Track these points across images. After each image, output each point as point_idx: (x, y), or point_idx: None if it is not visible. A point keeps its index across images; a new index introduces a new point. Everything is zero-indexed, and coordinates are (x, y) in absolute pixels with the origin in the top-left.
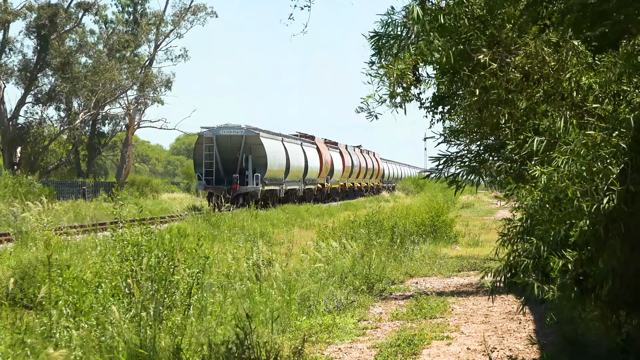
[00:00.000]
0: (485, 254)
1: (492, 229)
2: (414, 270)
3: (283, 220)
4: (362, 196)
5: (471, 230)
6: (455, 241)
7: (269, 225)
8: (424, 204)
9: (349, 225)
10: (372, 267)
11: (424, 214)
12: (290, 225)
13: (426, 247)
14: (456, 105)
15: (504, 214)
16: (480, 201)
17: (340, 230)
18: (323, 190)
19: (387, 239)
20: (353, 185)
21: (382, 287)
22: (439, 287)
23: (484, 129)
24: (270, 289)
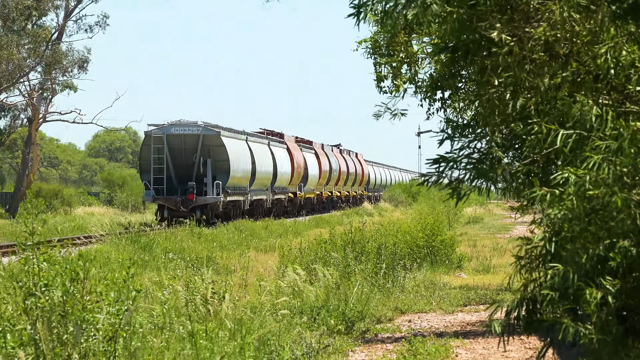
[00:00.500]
0: (498, 283)
1: (507, 250)
2: (406, 305)
3: (235, 241)
4: (338, 208)
5: (480, 252)
6: (459, 266)
7: (217, 248)
8: (418, 219)
9: (321, 247)
10: (352, 301)
11: (419, 232)
12: (244, 248)
13: (422, 274)
14: (459, 89)
15: (522, 231)
16: (492, 214)
17: (310, 253)
18: (295, 200)
19: (371, 264)
20: (331, 194)
21: (365, 327)
22: (438, 327)
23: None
24: (218, 331)
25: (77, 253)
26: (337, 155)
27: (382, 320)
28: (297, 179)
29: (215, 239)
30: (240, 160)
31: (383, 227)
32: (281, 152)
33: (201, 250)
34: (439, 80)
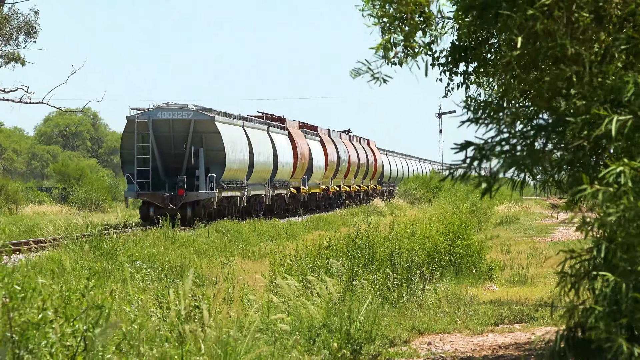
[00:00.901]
0: (537, 297)
1: (549, 256)
2: (426, 324)
3: (217, 246)
4: (346, 206)
5: (515, 259)
6: (489, 277)
7: (194, 255)
8: (439, 219)
9: (321, 253)
10: (359, 319)
11: (440, 235)
12: (228, 254)
13: (444, 286)
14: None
15: (566, 234)
16: (529, 213)
17: (308, 261)
18: (298, 196)
19: (382, 274)
20: (339, 189)
21: (375, 350)
22: (464, 350)
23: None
24: (197, 357)
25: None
26: (347, 142)
27: (396, 343)
28: (301, 171)
29: (192, 244)
30: (236, 150)
31: (397, 228)
32: (282, 140)
33: (176, 258)
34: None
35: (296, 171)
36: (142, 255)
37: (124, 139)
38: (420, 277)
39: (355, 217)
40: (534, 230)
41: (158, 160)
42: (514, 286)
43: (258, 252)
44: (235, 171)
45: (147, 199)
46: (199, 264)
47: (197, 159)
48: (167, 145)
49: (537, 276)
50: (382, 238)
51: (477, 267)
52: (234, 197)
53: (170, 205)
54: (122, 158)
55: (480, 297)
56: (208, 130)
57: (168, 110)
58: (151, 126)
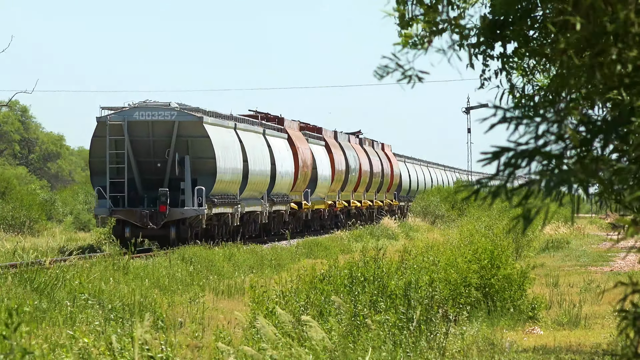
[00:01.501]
0: (593, 343)
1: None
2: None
3: (182, 279)
4: (340, 227)
5: (565, 294)
6: (532, 317)
7: (153, 289)
8: (467, 244)
9: (315, 288)
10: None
11: (469, 264)
12: (196, 289)
13: (474, 329)
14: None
15: (630, 262)
16: (582, 235)
17: (299, 297)
18: (299, 214)
19: (394, 314)
20: (348, 204)
21: None
22: None
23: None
24: None
25: None
26: (357, 147)
27: None
28: (303, 183)
29: (150, 276)
30: (228, 157)
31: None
32: (281, 144)
33: (129, 294)
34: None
35: (297, 183)
36: (90, 289)
37: (94, 144)
38: (443, 318)
39: (358, 242)
40: (589, 258)
41: (135, 170)
42: (563, 329)
43: (234, 286)
44: (227, 183)
45: (122, 217)
46: (160, 301)
47: (182, 168)
48: (145, 152)
49: (593, 316)
50: (394, 267)
51: (516, 304)
52: (224, 215)
53: (150, 224)
54: (92, 168)
55: (520, 343)
56: (195, 133)
57: (147, 109)
58: (126, 129)
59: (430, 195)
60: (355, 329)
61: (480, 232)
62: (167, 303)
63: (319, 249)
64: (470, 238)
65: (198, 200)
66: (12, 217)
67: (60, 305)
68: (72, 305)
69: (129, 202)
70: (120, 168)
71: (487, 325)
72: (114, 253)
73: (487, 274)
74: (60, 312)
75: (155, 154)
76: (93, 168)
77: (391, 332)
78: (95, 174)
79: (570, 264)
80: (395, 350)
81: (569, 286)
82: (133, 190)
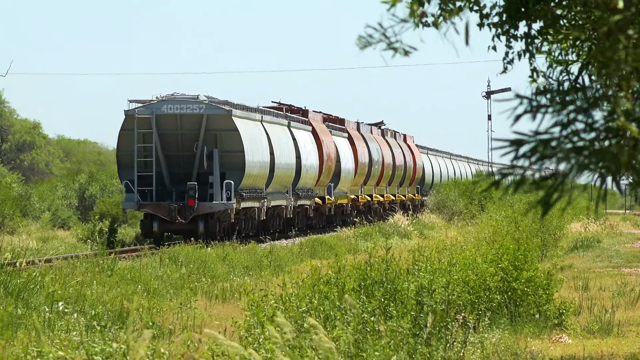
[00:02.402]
0: (628, 352)
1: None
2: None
3: (172, 282)
4: (346, 224)
5: (596, 298)
6: (559, 324)
7: (140, 293)
8: (487, 243)
9: (319, 292)
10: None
11: (490, 265)
12: (188, 293)
13: (495, 337)
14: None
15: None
16: (615, 233)
17: (302, 302)
18: (322, 209)
19: (408, 320)
20: (371, 199)
21: None
22: None
23: None
24: None
25: None
26: (379, 139)
27: None
28: (327, 177)
29: (137, 279)
30: (256, 151)
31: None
32: (305, 137)
33: (114, 298)
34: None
35: (321, 177)
36: (68, 295)
37: (121, 137)
38: (462, 325)
39: (367, 242)
40: (622, 258)
41: (163, 164)
42: (593, 337)
43: (229, 289)
44: (254, 177)
45: (149, 211)
46: (147, 306)
47: (211, 162)
48: (173, 146)
49: (627, 323)
50: (404, 269)
51: (542, 310)
52: (252, 209)
53: (179, 218)
54: (119, 161)
55: (546, 352)
56: (223, 127)
57: (175, 102)
58: (154, 122)
59: (445, 189)
60: (364, 337)
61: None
62: (156, 309)
63: (323, 249)
64: (493, 237)
65: (227, 195)
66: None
67: (38, 311)
68: (50, 311)
69: (157, 196)
70: (148, 162)
71: (509, 333)
72: (100, 253)
73: (510, 276)
74: (37, 319)
75: (184, 148)
76: (120, 161)
77: (404, 340)
78: (123, 168)
79: (602, 265)
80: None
81: (600, 290)
82: (161, 184)
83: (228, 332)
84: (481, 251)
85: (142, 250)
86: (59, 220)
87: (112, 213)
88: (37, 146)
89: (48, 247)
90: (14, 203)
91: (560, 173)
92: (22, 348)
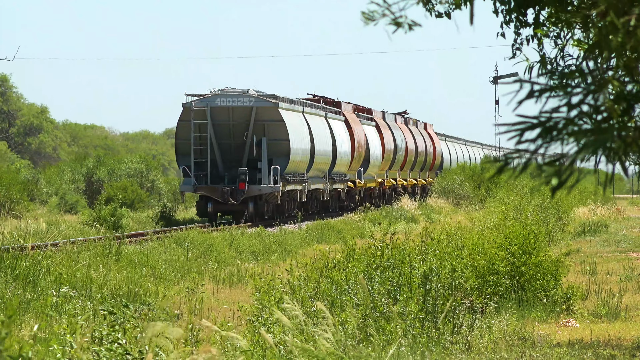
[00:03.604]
0: (635, 336)
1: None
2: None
3: (179, 265)
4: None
5: (603, 283)
6: (567, 309)
7: (149, 278)
8: (494, 227)
9: (327, 275)
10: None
11: (498, 250)
12: (195, 277)
13: (502, 321)
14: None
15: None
16: (622, 218)
17: (308, 286)
18: (353, 191)
19: (415, 303)
20: (395, 182)
21: None
22: None
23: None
24: None
25: None
26: (403, 127)
27: None
28: (357, 163)
29: (144, 262)
30: (299, 139)
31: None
32: (340, 127)
33: (121, 282)
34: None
35: (353, 162)
36: (74, 279)
37: (179, 127)
38: (469, 310)
39: (373, 225)
40: (630, 243)
41: (216, 151)
42: (601, 321)
43: (236, 273)
44: (298, 163)
45: (205, 194)
46: (154, 290)
47: (260, 149)
48: (226, 135)
49: (634, 307)
50: (412, 251)
51: (550, 294)
52: (294, 192)
53: (231, 200)
54: (177, 149)
55: (554, 337)
56: (271, 118)
57: (227, 96)
58: (209, 114)
59: (451, 174)
60: (373, 321)
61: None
62: (163, 292)
63: (331, 233)
64: (502, 221)
65: (274, 178)
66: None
67: (45, 295)
68: (58, 295)
69: (211, 180)
70: (203, 149)
71: (517, 318)
72: (107, 237)
73: (518, 261)
74: (44, 303)
75: (235, 137)
76: (178, 149)
77: (412, 324)
78: (181, 155)
79: (609, 250)
80: (415, 345)
81: (607, 274)
82: (215, 169)
83: (235, 317)
84: (489, 236)
85: (148, 235)
86: (66, 204)
87: (119, 197)
88: (45, 130)
89: (53, 230)
90: (22, 188)
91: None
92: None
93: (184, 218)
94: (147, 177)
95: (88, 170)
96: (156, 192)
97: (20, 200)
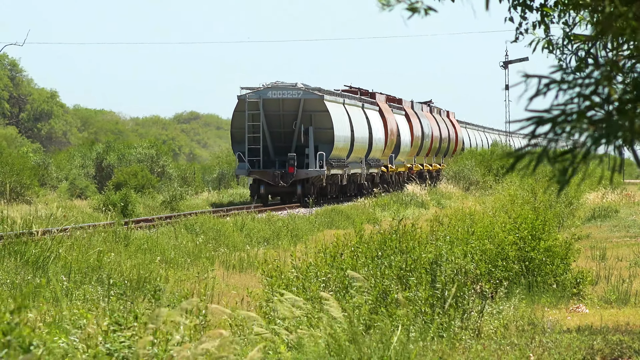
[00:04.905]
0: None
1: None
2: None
3: (189, 251)
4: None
5: (613, 268)
6: (576, 294)
7: (158, 264)
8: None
9: (337, 261)
10: (389, 355)
11: (507, 235)
12: (205, 262)
13: (512, 307)
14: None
15: None
16: (632, 203)
17: (319, 272)
18: (385, 176)
19: (425, 289)
20: (422, 168)
21: None
22: None
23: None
24: None
25: None
26: (428, 115)
27: None
28: (390, 149)
29: (154, 248)
30: (341, 128)
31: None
32: (375, 116)
33: (131, 268)
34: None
35: (386, 149)
36: (84, 265)
37: (235, 117)
38: (479, 295)
39: (384, 211)
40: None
41: (268, 138)
42: (610, 307)
43: (247, 259)
44: (340, 149)
45: (258, 177)
46: (164, 275)
47: (307, 137)
48: (276, 124)
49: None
50: (422, 238)
51: (559, 280)
52: (336, 175)
53: (281, 182)
54: (233, 137)
55: (564, 322)
56: (317, 109)
57: (278, 89)
58: (262, 106)
59: (462, 159)
60: (382, 307)
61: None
62: (174, 278)
63: (341, 218)
64: (511, 206)
65: (319, 163)
66: (1, 183)
67: (55, 280)
68: (68, 280)
69: (263, 165)
70: (256, 137)
71: (526, 303)
72: (116, 222)
73: (528, 246)
74: (53, 289)
75: (285, 125)
76: (234, 137)
77: (422, 310)
78: (236, 142)
79: (619, 235)
80: (425, 331)
81: (617, 259)
82: (266, 155)
83: (245, 302)
84: (499, 220)
85: (157, 220)
86: (77, 189)
87: (130, 182)
88: (55, 115)
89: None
90: (32, 172)
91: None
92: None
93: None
94: (157, 162)
95: (98, 156)
96: (166, 177)
97: (31, 186)
